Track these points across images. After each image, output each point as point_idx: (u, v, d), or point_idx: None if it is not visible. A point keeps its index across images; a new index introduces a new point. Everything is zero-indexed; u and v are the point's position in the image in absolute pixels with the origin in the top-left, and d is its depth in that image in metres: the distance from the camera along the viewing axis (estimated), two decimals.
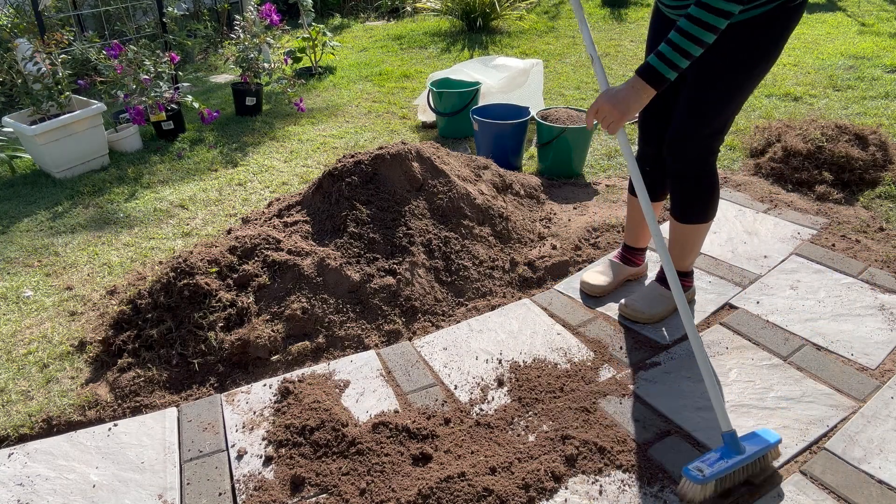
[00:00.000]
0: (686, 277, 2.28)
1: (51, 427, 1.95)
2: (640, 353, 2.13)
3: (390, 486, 1.67)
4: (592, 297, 2.41)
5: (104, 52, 3.85)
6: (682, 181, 2.05)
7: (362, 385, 2.04)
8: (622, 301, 2.31)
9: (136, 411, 1.99)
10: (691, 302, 2.35)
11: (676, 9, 1.88)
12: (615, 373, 2.05)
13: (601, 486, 1.67)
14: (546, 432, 1.83)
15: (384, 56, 5.92)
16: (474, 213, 2.67)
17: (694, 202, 2.07)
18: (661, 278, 2.30)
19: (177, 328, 2.19)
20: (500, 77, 4.06)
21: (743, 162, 3.46)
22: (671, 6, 1.90)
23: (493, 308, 2.38)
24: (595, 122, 1.85)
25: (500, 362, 2.11)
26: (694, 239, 2.15)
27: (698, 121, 1.92)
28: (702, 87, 1.89)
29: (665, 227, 2.83)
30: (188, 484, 1.73)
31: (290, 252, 2.39)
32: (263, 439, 1.84)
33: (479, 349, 2.17)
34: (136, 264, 2.79)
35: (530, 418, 1.88)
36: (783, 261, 2.57)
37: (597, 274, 2.44)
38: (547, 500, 1.64)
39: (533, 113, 3.61)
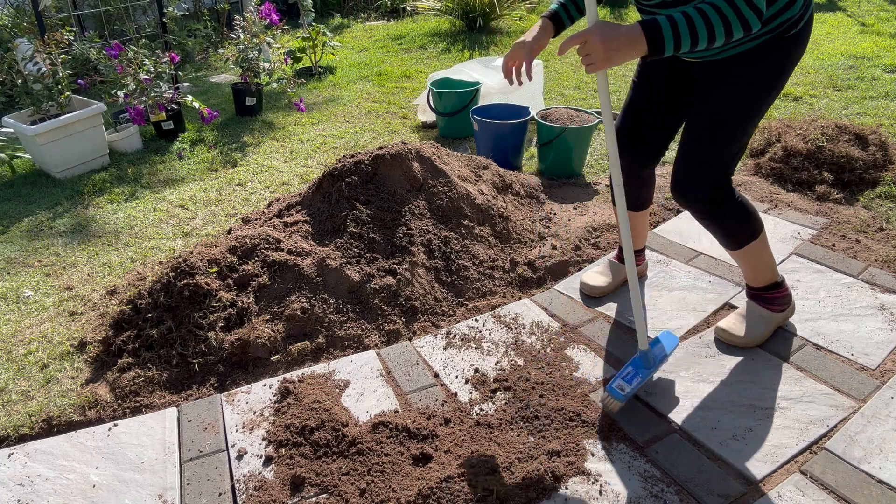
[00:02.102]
0: (772, 290, 2.13)
1: (51, 427, 1.95)
2: None
3: (390, 486, 1.67)
4: (592, 297, 2.41)
5: (104, 52, 3.85)
6: (712, 217, 1.93)
7: (362, 385, 2.04)
8: (718, 324, 2.18)
9: (136, 411, 1.99)
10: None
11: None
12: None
13: (601, 485, 1.67)
14: (546, 432, 1.83)
15: (384, 56, 5.92)
16: (474, 213, 2.67)
17: (735, 229, 1.96)
18: (754, 295, 2.15)
19: (177, 328, 2.19)
20: (501, 78, 4.06)
21: (743, 162, 3.46)
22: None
23: (493, 308, 2.38)
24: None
25: (500, 362, 2.11)
26: (758, 257, 2.03)
27: (709, 152, 1.85)
28: (708, 121, 1.83)
29: (666, 228, 2.83)
30: (188, 484, 1.73)
31: (290, 252, 2.39)
32: (263, 439, 1.84)
33: (480, 349, 2.17)
34: (136, 264, 2.79)
35: (530, 418, 1.88)
36: (783, 261, 2.57)
37: (596, 274, 2.44)
38: (547, 500, 1.64)
39: (533, 113, 3.61)
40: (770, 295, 2.12)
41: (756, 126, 1.87)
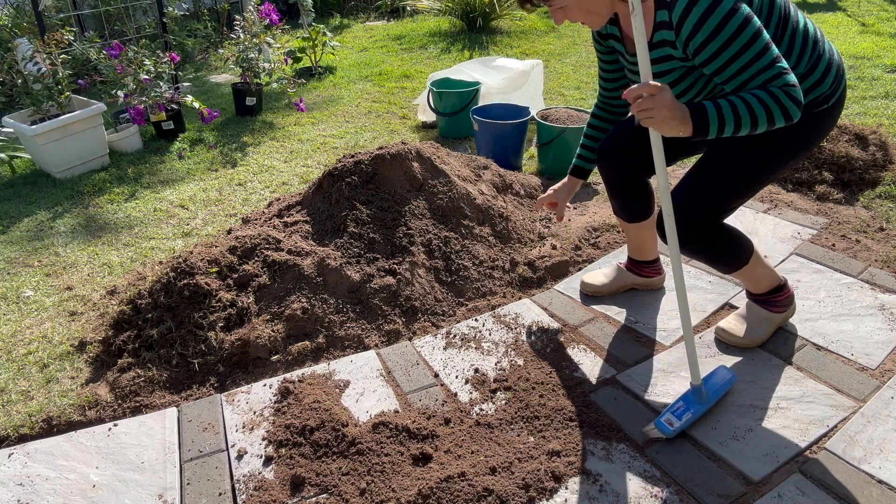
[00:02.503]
0: (774, 294, 2.11)
1: (51, 427, 1.95)
2: (640, 353, 2.13)
3: (390, 486, 1.67)
4: (591, 296, 2.41)
5: (104, 52, 3.85)
6: (700, 253, 1.92)
7: (362, 385, 2.04)
8: (719, 324, 2.18)
9: (136, 411, 1.99)
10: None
11: None
12: (615, 373, 2.05)
13: (601, 485, 1.67)
14: (546, 432, 1.83)
15: (384, 56, 5.92)
16: (474, 213, 2.67)
17: (725, 259, 1.94)
18: (757, 299, 2.14)
19: (177, 328, 2.19)
20: (501, 78, 4.06)
21: None
22: None
23: (493, 308, 2.38)
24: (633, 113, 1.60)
25: (500, 362, 2.11)
26: (752, 274, 2.03)
27: (717, 200, 1.83)
28: (732, 176, 1.81)
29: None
30: (188, 484, 1.73)
31: (290, 252, 2.39)
32: (263, 439, 1.84)
33: (480, 349, 2.17)
34: (136, 264, 2.79)
35: (530, 418, 1.88)
36: (783, 261, 2.57)
37: (596, 273, 2.44)
38: (547, 500, 1.64)
39: (533, 113, 3.61)
40: (772, 298, 2.11)
41: (759, 189, 1.87)
